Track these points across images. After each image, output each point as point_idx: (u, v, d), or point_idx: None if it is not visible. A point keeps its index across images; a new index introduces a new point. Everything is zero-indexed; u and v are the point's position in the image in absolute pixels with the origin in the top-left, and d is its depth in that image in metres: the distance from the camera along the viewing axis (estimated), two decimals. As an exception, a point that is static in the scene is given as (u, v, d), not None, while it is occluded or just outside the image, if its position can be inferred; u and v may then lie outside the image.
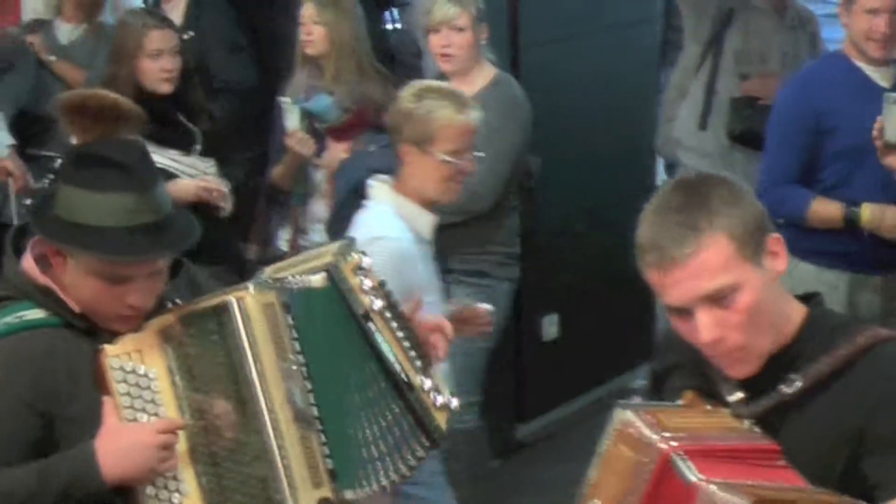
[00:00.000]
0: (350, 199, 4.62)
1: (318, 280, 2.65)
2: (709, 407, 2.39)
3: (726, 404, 2.38)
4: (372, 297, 2.66)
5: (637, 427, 2.26)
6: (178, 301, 2.72)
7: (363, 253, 2.71)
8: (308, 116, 4.90)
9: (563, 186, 5.41)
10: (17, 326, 2.64)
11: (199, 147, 4.84)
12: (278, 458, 2.61)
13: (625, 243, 6.58)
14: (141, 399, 2.62)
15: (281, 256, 4.97)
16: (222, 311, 2.63)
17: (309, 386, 2.63)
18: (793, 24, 5.33)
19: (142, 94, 4.68)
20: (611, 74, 5.97)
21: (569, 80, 5.71)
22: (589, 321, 6.01)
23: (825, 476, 2.27)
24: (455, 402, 2.71)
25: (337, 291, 2.64)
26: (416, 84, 3.95)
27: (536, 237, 4.90)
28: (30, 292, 2.65)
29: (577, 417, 6.02)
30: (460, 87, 4.59)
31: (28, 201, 5.35)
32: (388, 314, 2.68)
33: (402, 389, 2.66)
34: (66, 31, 5.80)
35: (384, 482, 2.65)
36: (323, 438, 2.63)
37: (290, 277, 2.67)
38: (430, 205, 3.78)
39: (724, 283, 2.24)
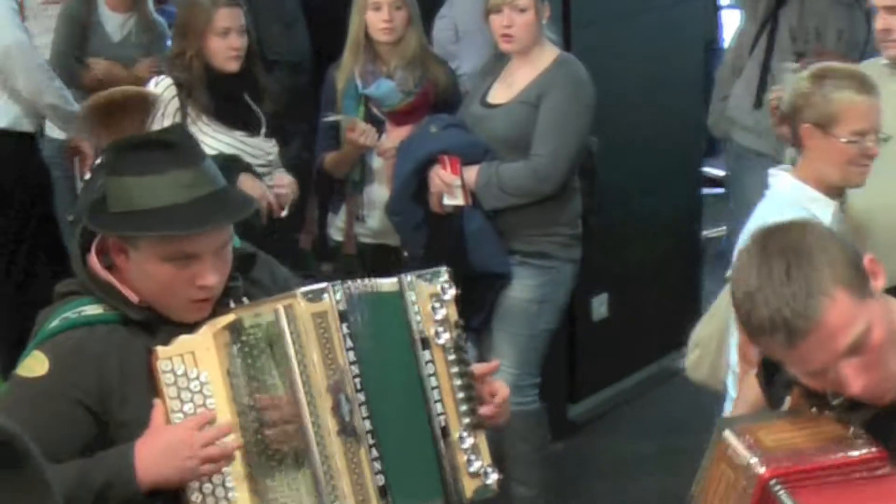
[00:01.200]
0: (411, 180, 4.63)
1: (388, 284, 2.62)
2: (814, 410, 2.36)
3: (829, 402, 2.36)
4: (439, 329, 2.63)
5: (735, 448, 2.27)
6: (244, 300, 2.67)
7: (452, 287, 2.65)
8: (366, 102, 4.87)
9: (613, 167, 5.39)
10: (76, 322, 2.61)
11: (264, 129, 4.81)
12: (321, 473, 2.52)
13: (671, 223, 6.62)
14: (192, 403, 2.58)
15: (335, 246, 4.97)
16: (271, 318, 2.56)
17: (362, 398, 2.55)
18: (848, 1, 5.30)
19: (209, 72, 4.67)
20: (660, 53, 5.96)
21: (619, 60, 5.69)
22: (637, 301, 6.01)
23: None
24: (493, 478, 2.65)
25: (401, 303, 2.62)
26: (816, 66, 3.88)
27: (595, 218, 4.87)
28: (91, 288, 2.63)
29: (626, 397, 6.04)
30: (522, 68, 4.62)
31: (88, 175, 5.37)
32: (451, 354, 2.64)
33: (435, 433, 2.63)
34: (116, 25, 5.82)
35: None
36: (375, 453, 2.55)
37: (357, 281, 2.61)
38: (832, 191, 3.71)
39: (857, 334, 2.21)
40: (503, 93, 4.67)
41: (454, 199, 4.53)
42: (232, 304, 2.65)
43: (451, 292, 2.65)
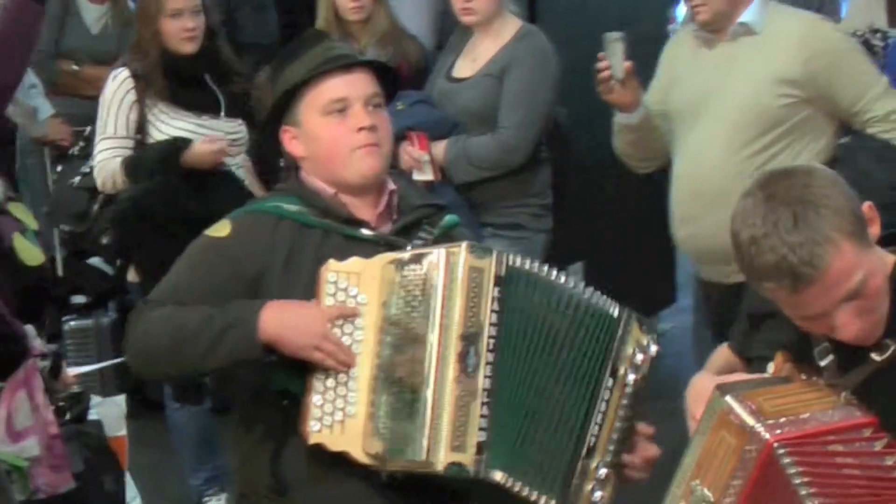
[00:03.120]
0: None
1: (610, 304, 2.75)
2: (804, 377, 2.41)
3: (816, 363, 2.41)
4: (629, 369, 2.74)
5: (738, 414, 2.30)
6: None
7: (656, 341, 2.78)
8: None
9: (582, 137, 5.40)
10: (268, 209, 2.92)
11: (223, 111, 4.78)
12: (430, 408, 2.65)
13: (644, 191, 6.62)
14: (343, 317, 2.74)
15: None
16: (432, 262, 2.70)
17: (490, 358, 2.67)
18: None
19: (166, 56, 4.65)
20: (626, 22, 5.95)
21: (586, 30, 5.67)
22: (612, 268, 6.02)
23: None
24: None
25: (611, 333, 2.73)
26: None
27: (565, 187, 4.88)
28: (297, 189, 2.95)
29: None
30: (485, 41, 4.62)
31: (59, 167, 5.39)
32: (626, 399, 2.74)
33: (580, 447, 2.73)
34: (94, 18, 5.80)
35: (535, 496, 2.70)
36: (485, 410, 2.66)
37: (535, 266, 2.73)
38: None
39: (858, 280, 2.26)
40: (468, 66, 4.68)
41: (423, 175, 4.55)
42: (409, 247, 2.83)
43: (654, 349, 2.77)
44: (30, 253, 3.58)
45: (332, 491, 2.79)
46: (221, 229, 2.89)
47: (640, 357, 2.75)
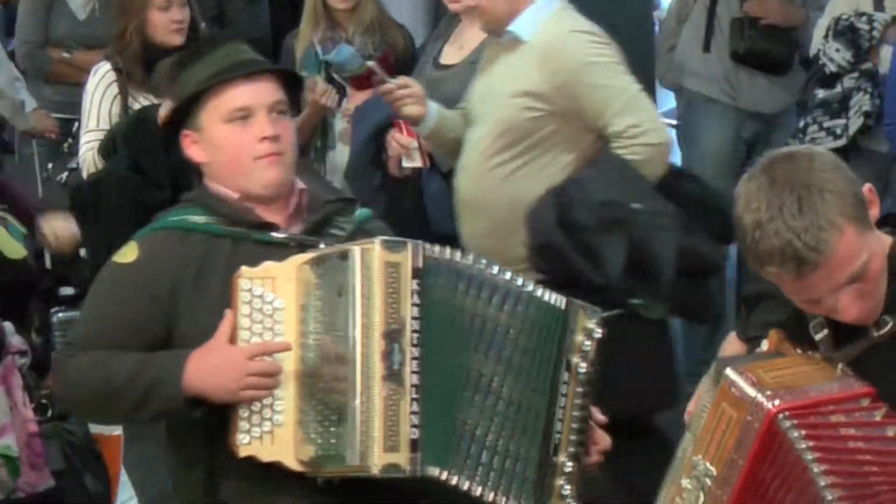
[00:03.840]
0: (368, 146, 4.62)
1: (555, 299, 2.73)
2: (799, 351, 2.42)
3: (811, 340, 2.42)
4: (580, 358, 2.72)
5: (739, 386, 2.30)
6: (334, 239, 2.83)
7: (602, 329, 2.74)
8: (326, 69, 4.87)
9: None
10: (174, 224, 2.85)
11: None
12: (359, 411, 2.61)
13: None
14: (261, 325, 2.71)
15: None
16: (347, 259, 2.66)
17: (416, 353, 2.63)
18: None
19: (151, 47, 4.65)
20: (612, 6, 5.96)
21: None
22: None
23: None
24: None
25: (562, 326, 2.72)
26: None
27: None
28: (203, 199, 2.88)
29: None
30: (471, 28, 4.53)
31: (50, 165, 5.37)
32: (581, 386, 2.73)
33: (548, 448, 2.72)
34: (80, 3, 5.79)
35: (478, 490, 2.66)
36: (415, 407, 2.62)
37: (456, 256, 2.70)
38: None
39: (861, 263, 2.27)
40: (454, 54, 4.66)
41: (412, 162, 4.53)
42: (323, 246, 2.78)
43: (600, 333, 2.75)
44: (10, 246, 3.57)
45: (270, 502, 2.75)
46: (129, 254, 2.82)
47: (588, 344, 2.73)
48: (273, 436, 2.68)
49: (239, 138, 2.82)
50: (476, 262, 2.72)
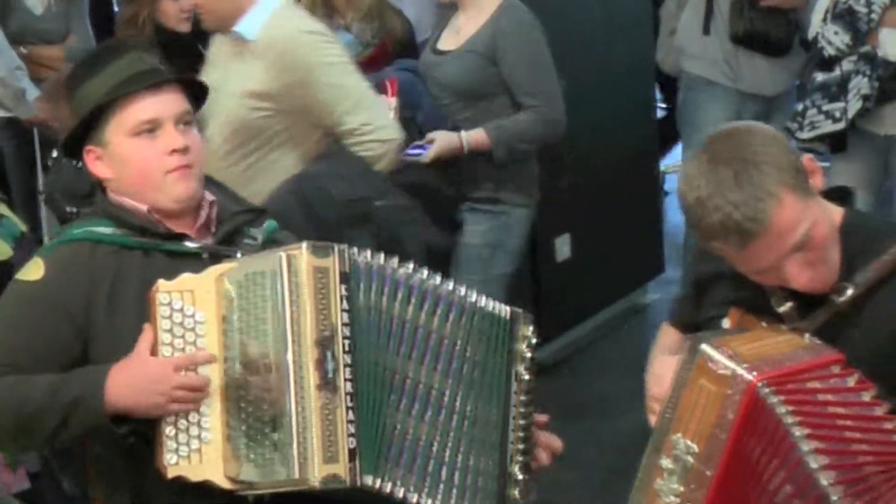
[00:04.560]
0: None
1: (498, 308, 2.71)
2: (764, 324, 2.44)
3: (775, 314, 2.44)
4: (524, 368, 2.71)
5: (717, 360, 2.31)
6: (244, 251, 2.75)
7: (534, 330, 2.74)
8: None
9: (569, 108, 5.38)
10: (80, 236, 2.74)
11: None
12: (294, 423, 2.53)
13: (628, 160, 6.62)
14: (182, 339, 2.63)
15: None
16: (274, 266, 2.59)
17: (348, 360, 2.56)
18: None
19: (162, 33, 4.66)
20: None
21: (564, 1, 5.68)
22: (600, 239, 6.02)
23: (883, 380, 2.34)
24: None
25: (510, 336, 2.70)
26: None
27: (555, 160, 4.87)
28: (109, 210, 2.78)
29: (594, 336, 6.06)
30: (468, 15, 4.60)
31: (54, 152, 5.37)
32: (524, 395, 2.71)
33: (505, 457, 2.69)
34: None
35: (413, 497, 2.60)
36: (351, 416, 2.55)
37: (378, 260, 2.65)
38: None
39: (803, 231, 2.31)
40: (452, 40, 4.66)
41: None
42: (240, 255, 2.73)
43: (534, 341, 2.74)
44: None
45: None
46: (34, 271, 2.71)
47: (527, 351, 2.72)
48: (201, 454, 2.60)
49: (147, 152, 2.73)
50: (402, 268, 2.66)
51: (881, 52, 4.66)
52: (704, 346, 2.33)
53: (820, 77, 4.81)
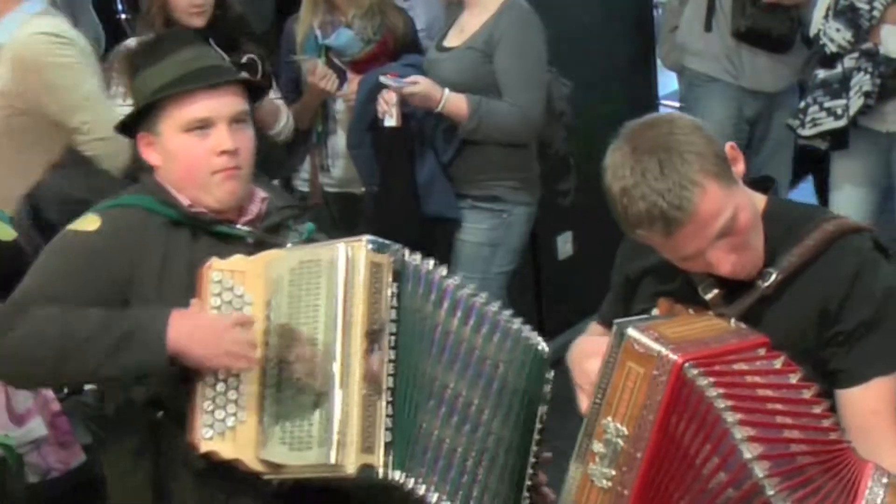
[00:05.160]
0: (366, 109, 4.63)
1: (536, 341, 2.81)
2: (691, 311, 2.48)
3: (703, 303, 2.49)
4: (544, 406, 2.80)
5: (643, 342, 2.32)
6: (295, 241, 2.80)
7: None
8: (326, 53, 4.86)
9: (572, 106, 5.38)
10: (137, 202, 2.77)
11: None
12: (338, 409, 2.55)
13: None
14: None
15: (301, 196, 4.96)
16: (331, 255, 2.62)
17: (392, 356, 2.61)
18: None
19: (173, 26, 4.64)
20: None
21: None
22: (601, 237, 5.97)
23: (805, 365, 2.40)
24: None
25: (543, 371, 2.80)
26: None
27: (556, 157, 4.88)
28: (154, 191, 2.79)
29: (595, 334, 6.04)
30: (472, 12, 4.61)
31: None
32: (538, 434, 2.79)
33: (519, 487, 2.76)
34: None
35: (433, 497, 2.64)
36: (390, 410, 2.59)
37: (427, 265, 2.70)
38: None
39: (727, 218, 2.35)
40: (456, 37, 4.67)
41: (392, 121, 4.52)
42: (289, 245, 2.77)
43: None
44: (1, 229, 3.57)
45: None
46: (90, 223, 2.72)
47: (548, 391, 2.80)
48: (235, 432, 2.62)
49: (196, 150, 2.75)
50: (450, 278, 2.72)
51: (883, 48, 4.65)
52: (630, 330, 2.35)
53: (822, 74, 4.81)
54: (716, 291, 2.46)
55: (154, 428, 2.68)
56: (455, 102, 4.47)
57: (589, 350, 2.51)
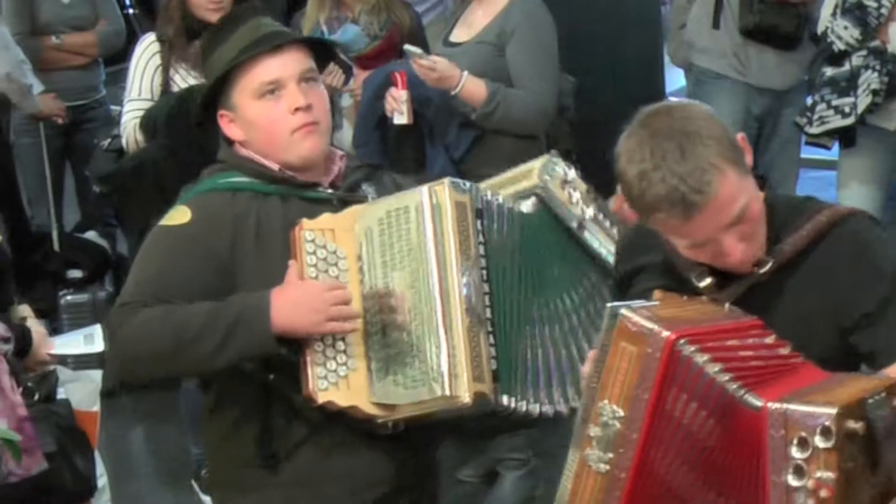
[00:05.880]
0: (372, 107, 4.64)
1: (529, 205, 2.85)
2: (685, 298, 2.47)
3: (698, 294, 2.48)
4: (583, 207, 2.84)
5: (636, 321, 2.31)
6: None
7: (567, 165, 2.86)
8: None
9: (579, 99, 5.39)
10: (221, 185, 2.85)
11: None
12: (444, 342, 2.66)
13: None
14: (327, 274, 2.76)
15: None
16: (416, 200, 2.73)
17: (486, 289, 2.72)
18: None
19: (191, 22, 4.65)
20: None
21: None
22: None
23: (804, 351, 2.39)
24: None
25: (548, 212, 2.86)
26: None
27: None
28: (237, 163, 2.88)
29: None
30: (480, 7, 4.62)
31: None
32: (601, 217, 2.85)
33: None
34: None
35: (536, 408, 2.76)
36: (492, 339, 2.70)
37: (500, 199, 2.81)
38: None
39: (742, 205, 2.35)
40: (464, 32, 4.68)
41: (402, 118, 4.54)
42: (371, 198, 2.87)
43: (571, 172, 2.88)
44: None
45: (325, 460, 2.80)
46: (181, 216, 2.81)
47: (576, 194, 2.93)
48: (348, 380, 2.72)
49: (272, 113, 2.82)
50: (518, 209, 2.86)
51: (891, 46, 4.66)
52: (624, 310, 2.33)
53: (829, 72, 4.82)
54: (710, 279, 2.46)
55: (265, 390, 2.78)
56: (473, 85, 4.48)
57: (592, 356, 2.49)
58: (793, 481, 2.21)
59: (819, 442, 2.18)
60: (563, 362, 2.83)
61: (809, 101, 4.93)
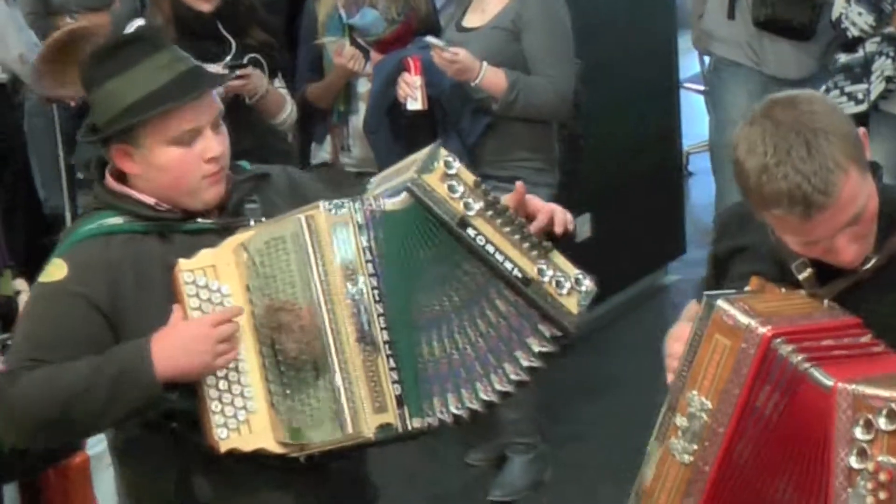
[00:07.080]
0: (385, 93, 4.63)
1: (397, 203, 2.66)
2: (783, 290, 2.41)
3: (797, 285, 2.41)
4: (467, 201, 2.65)
5: (732, 315, 2.27)
6: (262, 219, 2.73)
7: (450, 157, 2.68)
8: (349, 33, 4.86)
9: (592, 87, 5.39)
10: (95, 232, 2.70)
11: (228, 59, 4.66)
12: (339, 379, 2.57)
13: (651, 141, 6.61)
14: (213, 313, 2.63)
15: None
16: (294, 229, 2.61)
17: (380, 309, 2.60)
18: None
19: (182, 9, 4.62)
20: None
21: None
22: (620, 220, 6.02)
23: None
24: (587, 284, 2.74)
25: (421, 207, 2.65)
26: None
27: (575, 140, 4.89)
28: (110, 201, 2.73)
29: (613, 316, 6.05)
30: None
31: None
32: (489, 213, 2.66)
33: (516, 286, 2.66)
34: None
35: (463, 412, 2.64)
36: (392, 364, 2.60)
37: (371, 199, 2.66)
38: None
39: (860, 205, 2.28)
40: (477, 17, 4.67)
41: (415, 104, 4.52)
42: (252, 223, 2.72)
43: (457, 164, 2.69)
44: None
45: (252, 498, 2.72)
46: (57, 271, 2.67)
47: (459, 187, 2.66)
48: (249, 424, 2.62)
49: (185, 159, 2.66)
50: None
51: (906, 33, 4.65)
52: (720, 302, 2.30)
53: (843, 58, 4.81)
54: (810, 271, 2.38)
55: (173, 437, 2.68)
56: (494, 75, 4.47)
57: (681, 334, 2.45)
58: (855, 463, 2.17)
59: (883, 424, 2.14)
60: (465, 361, 2.66)
61: (822, 87, 4.92)
